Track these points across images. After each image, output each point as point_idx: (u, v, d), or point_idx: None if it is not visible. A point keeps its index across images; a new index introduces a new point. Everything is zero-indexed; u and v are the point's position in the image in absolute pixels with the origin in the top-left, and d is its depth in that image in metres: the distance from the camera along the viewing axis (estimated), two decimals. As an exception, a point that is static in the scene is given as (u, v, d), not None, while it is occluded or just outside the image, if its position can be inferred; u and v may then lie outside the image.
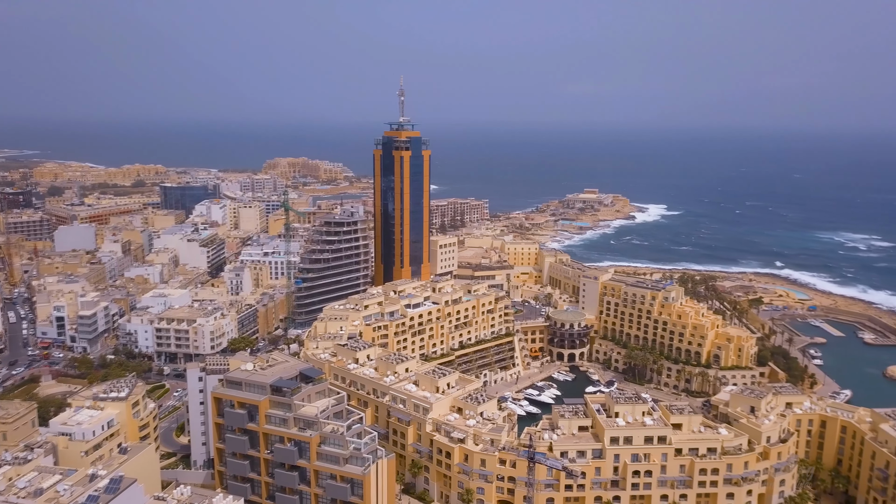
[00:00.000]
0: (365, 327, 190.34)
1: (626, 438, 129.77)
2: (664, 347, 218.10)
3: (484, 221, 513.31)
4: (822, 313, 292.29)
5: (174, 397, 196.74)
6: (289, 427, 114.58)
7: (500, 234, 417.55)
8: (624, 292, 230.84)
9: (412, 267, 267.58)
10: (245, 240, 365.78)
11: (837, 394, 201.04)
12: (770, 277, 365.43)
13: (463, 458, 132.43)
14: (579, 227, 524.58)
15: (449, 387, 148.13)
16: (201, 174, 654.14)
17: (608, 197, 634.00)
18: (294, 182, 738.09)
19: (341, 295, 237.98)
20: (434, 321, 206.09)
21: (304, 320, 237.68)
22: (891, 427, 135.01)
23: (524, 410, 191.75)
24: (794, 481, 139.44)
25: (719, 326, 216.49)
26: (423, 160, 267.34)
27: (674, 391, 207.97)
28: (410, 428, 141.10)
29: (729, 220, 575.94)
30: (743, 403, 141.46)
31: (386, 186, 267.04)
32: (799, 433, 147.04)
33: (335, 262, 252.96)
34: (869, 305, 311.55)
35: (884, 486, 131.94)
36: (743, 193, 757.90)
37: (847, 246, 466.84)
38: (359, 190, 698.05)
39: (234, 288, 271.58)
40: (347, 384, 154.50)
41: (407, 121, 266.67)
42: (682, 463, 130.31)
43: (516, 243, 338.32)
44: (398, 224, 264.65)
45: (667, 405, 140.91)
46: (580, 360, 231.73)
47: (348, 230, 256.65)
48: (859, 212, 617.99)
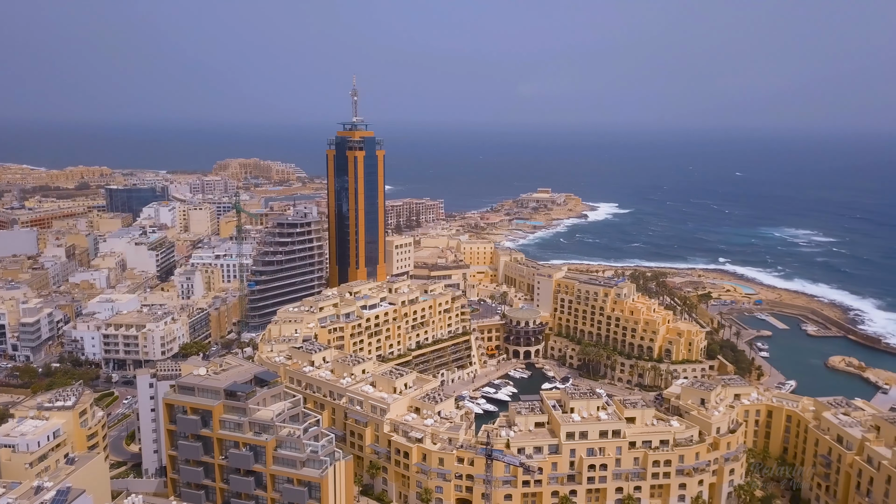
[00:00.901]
0: (320, 329, 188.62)
1: (581, 433, 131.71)
2: (617, 343, 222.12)
3: (440, 221, 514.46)
4: (767, 307, 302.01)
5: (123, 405, 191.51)
6: (244, 432, 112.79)
7: (455, 233, 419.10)
8: (577, 290, 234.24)
9: (368, 268, 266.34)
10: (196, 242, 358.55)
11: (783, 384, 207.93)
12: (718, 273, 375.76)
13: (421, 457, 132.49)
14: (533, 226, 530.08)
15: (406, 387, 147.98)
16: (149, 176, 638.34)
17: (561, 196, 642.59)
18: (246, 183, 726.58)
19: (296, 297, 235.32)
20: (391, 322, 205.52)
21: (258, 323, 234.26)
22: (833, 415, 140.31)
23: (481, 408, 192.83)
24: (743, 470, 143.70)
25: (670, 322, 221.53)
26: (377, 160, 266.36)
27: (627, 386, 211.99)
28: (368, 429, 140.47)
29: (676, 218, 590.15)
30: (693, 396, 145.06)
31: (340, 187, 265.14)
32: (747, 423, 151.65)
33: (289, 264, 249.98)
34: (811, 299, 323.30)
35: (827, 471, 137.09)
36: (688, 192, 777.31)
37: (789, 241, 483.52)
38: (312, 191, 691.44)
39: (185, 292, 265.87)
40: (303, 387, 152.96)
41: (360, 121, 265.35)
42: (636, 456, 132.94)
43: (472, 243, 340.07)
44: (353, 225, 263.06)
45: (620, 399, 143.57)
46: (536, 357, 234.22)
47: (302, 231, 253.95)
48: (800, 209, 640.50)
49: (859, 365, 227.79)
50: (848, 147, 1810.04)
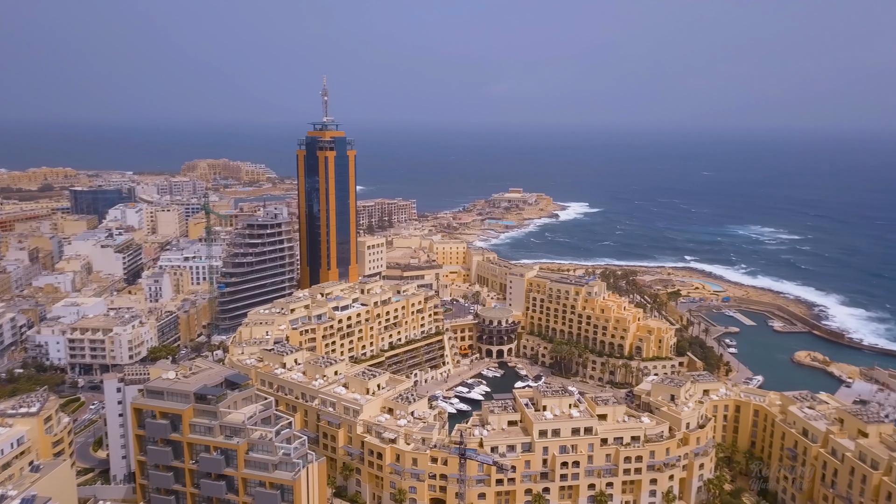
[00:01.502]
0: (292, 331, 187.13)
1: (553, 431, 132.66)
2: (588, 341, 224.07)
3: (412, 221, 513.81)
4: (735, 304, 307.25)
5: (90, 410, 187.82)
6: (214, 435, 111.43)
7: (428, 233, 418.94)
8: (549, 288, 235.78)
9: (339, 269, 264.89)
10: (164, 244, 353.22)
11: (750, 379, 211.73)
12: (686, 271, 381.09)
13: (395, 458, 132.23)
14: (505, 225, 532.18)
15: (379, 388, 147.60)
16: (114, 177, 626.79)
17: (532, 196, 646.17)
18: (215, 184, 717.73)
19: (266, 299, 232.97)
20: (363, 323, 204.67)
21: (229, 326, 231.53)
22: (798, 409, 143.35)
23: (455, 408, 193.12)
24: (713, 464, 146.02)
25: (640, 319, 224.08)
26: (348, 160, 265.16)
27: (599, 383, 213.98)
28: (341, 430, 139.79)
29: (645, 217, 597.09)
30: (664, 392, 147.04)
31: (310, 187, 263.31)
32: (716, 418, 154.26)
33: (259, 266, 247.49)
34: (777, 295, 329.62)
35: (793, 464, 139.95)
36: (657, 191, 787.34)
37: (755, 239, 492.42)
38: (282, 191, 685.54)
39: (153, 294, 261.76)
40: (275, 389, 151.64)
41: (331, 121, 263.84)
42: (607, 452, 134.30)
43: (444, 243, 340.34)
44: (324, 225, 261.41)
45: (592, 397, 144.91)
46: (508, 356, 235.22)
47: (272, 232, 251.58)
48: (765, 207, 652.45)
49: (824, 359, 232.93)
50: (812, 147, 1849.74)
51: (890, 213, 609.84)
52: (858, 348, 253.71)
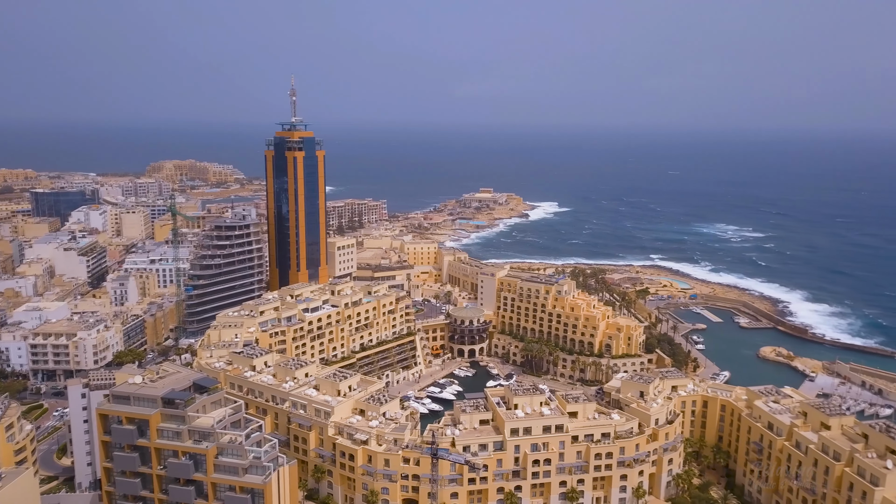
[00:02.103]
0: (261, 334, 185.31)
1: (525, 429, 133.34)
2: (559, 339, 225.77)
3: (383, 222, 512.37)
4: (702, 301, 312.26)
5: (54, 417, 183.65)
6: (183, 440, 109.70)
7: (399, 234, 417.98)
8: (520, 287, 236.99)
9: (309, 270, 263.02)
10: (129, 247, 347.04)
11: (717, 375, 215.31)
12: (654, 269, 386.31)
13: (367, 459, 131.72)
14: (476, 225, 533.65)
15: (350, 389, 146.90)
16: (77, 179, 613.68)
17: (503, 196, 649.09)
18: (181, 185, 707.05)
19: (235, 301, 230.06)
20: (334, 324, 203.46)
21: (197, 329, 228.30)
22: (764, 403, 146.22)
23: (427, 408, 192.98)
24: (681, 459, 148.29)
25: (609, 317, 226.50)
26: (317, 160, 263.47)
27: (569, 381, 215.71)
28: (312, 433, 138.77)
29: (614, 216, 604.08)
30: (633, 389, 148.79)
31: (279, 188, 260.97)
32: (684, 414, 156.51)
33: (227, 268, 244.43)
34: (743, 292, 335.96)
35: (759, 457, 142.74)
36: (625, 190, 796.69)
37: (721, 237, 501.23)
38: (251, 192, 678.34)
39: (119, 298, 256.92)
40: (245, 392, 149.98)
41: (299, 121, 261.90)
42: (578, 449, 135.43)
43: (415, 243, 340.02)
44: (293, 226, 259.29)
45: (563, 395, 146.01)
46: (480, 355, 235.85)
47: (241, 234, 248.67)
48: (730, 205, 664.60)
49: (788, 354, 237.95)
50: (778, 147, 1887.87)
51: (850, 212, 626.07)
52: (821, 343, 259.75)
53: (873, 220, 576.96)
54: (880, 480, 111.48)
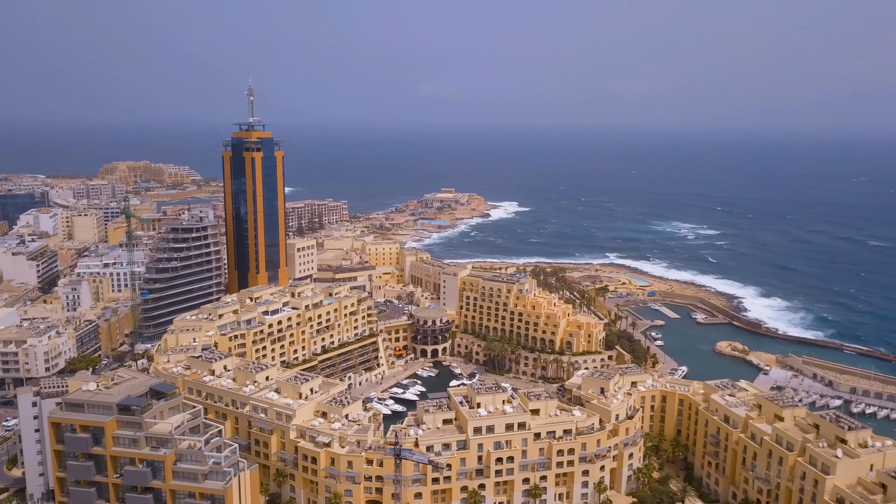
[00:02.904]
0: (220, 337, 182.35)
1: (488, 427, 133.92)
2: (521, 337, 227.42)
3: (343, 223, 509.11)
4: (660, 298, 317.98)
5: (3, 427, 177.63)
6: (140, 447, 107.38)
7: (360, 234, 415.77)
8: (482, 287, 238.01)
9: (269, 272, 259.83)
10: (81, 251, 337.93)
11: (675, 370, 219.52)
12: (613, 267, 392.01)
13: (329, 461, 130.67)
14: (438, 225, 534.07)
15: (312, 392, 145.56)
16: (26, 181, 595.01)
17: (464, 196, 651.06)
18: (136, 187, 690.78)
19: (193, 305, 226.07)
20: (294, 327, 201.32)
21: (153, 333, 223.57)
22: (720, 397, 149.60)
23: (390, 409, 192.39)
24: (641, 454, 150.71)
25: (570, 315, 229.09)
26: (276, 161, 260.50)
27: (531, 378, 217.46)
28: (273, 436, 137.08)
29: (573, 215, 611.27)
30: (594, 385, 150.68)
31: (237, 189, 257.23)
32: (643, 409, 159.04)
33: (185, 271, 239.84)
34: (700, 289, 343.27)
35: (716, 450, 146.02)
36: (584, 190, 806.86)
37: (678, 235, 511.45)
38: (208, 194, 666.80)
39: (71, 303, 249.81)
40: (204, 397, 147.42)
41: (257, 121, 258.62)
42: (541, 446, 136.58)
43: (377, 243, 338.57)
44: (252, 228, 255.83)
45: (525, 392, 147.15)
46: (443, 355, 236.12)
47: (198, 236, 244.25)
48: (686, 204, 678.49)
49: (743, 349, 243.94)
50: (732, 146, 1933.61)
51: (799, 210, 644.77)
52: (774, 337, 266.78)
53: (821, 217, 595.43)
54: (831, 469, 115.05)
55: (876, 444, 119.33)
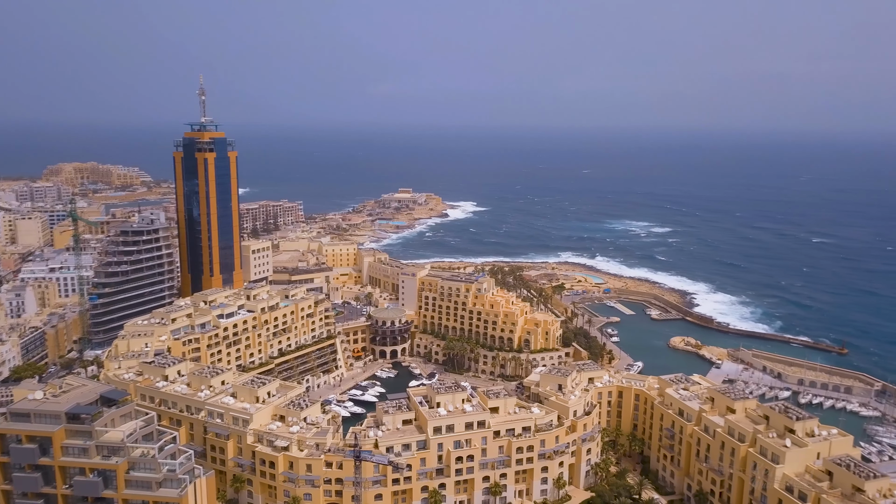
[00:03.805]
0: (174, 342, 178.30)
1: (448, 427, 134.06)
2: (480, 336, 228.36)
3: (299, 224, 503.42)
4: (615, 295, 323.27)
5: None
6: (90, 456, 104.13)
7: (316, 235, 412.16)
8: (441, 287, 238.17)
9: (223, 275, 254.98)
10: (25, 255, 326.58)
11: (631, 366, 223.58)
12: (569, 265, 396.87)
13: (288, 465, 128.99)
14: (396, 225, 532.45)
15: (269, 395, 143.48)
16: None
17: (422, 196, 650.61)
18: (82, 189, 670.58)
19: (145, 309, 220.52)
20: (250, 330, 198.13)
21: (103, 339, 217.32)
22: (674, 391, 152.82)
23: (349, 411, 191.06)
24: (599, 448, 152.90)
25: (528, 313, 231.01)
26: (229, 162, 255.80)
27: (490, 377, 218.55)
28: (230, 442, 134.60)
29: (529, 215, 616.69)
30: (552, 382, 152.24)
31: (189, 191, 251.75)
32: (600, 404, 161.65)
33: (135, 275, 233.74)
34: (653, 285, 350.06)
35: (671, 443, 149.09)
36: (539, 189, 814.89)
37: (631, 233, 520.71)
38: (159, 195, 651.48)
39: (15, 310, 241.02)
40: (157, 403, 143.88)
41: (210, 121, 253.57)
42: (500, 444, 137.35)
43: (334, 244, 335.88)
44: (205, 230, 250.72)
45: (484, 391, 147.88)
46: (402, 355, 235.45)
47: (149, 239, 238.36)
48: (638, 203, 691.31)
49: (696, 343, 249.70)
50: (682, 145, 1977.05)
51: (746, 207, 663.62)
52: (725, 332, 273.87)
53: (767, 214, 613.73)
54: (780, 458, 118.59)
55: (822, 434, 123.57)
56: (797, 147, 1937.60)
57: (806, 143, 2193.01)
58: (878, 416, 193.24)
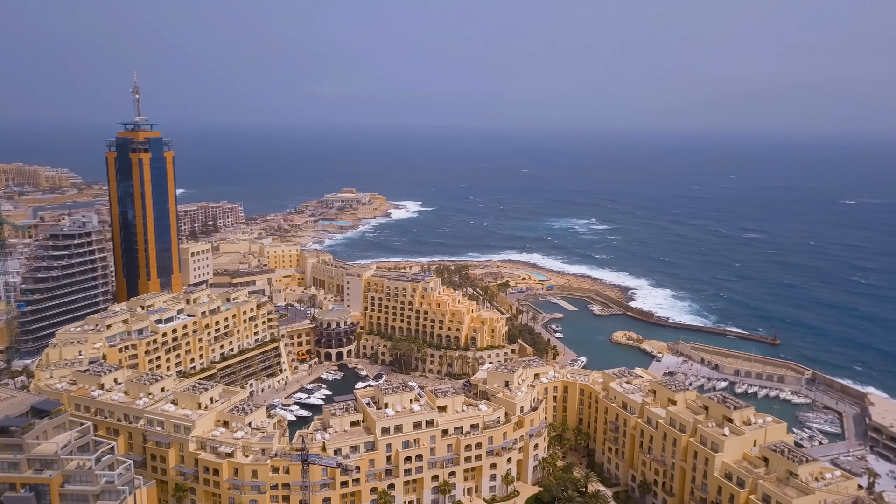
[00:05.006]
0: (109, 349, 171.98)
1: (396, 427, 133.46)
2: (427, 335, 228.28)
3: (239, 225, 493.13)
4: (558, 291, 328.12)
5: None
6: (21, 470, 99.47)
7: (257, 237, 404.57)
8: (387, 287, 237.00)
9: (161, 278, 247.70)
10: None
11: (575, 361, 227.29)
12: (513, 263, 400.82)
13: (233, 472, 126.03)
14: (340, 226, 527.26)
15: (212, 401, 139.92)
16: None
17: (366, 196, 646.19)
18: (7, 192, 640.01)
19: (77, 316, 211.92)
20: (190, 335, 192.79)
21: (33, 348, 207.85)
22: (618, 385, 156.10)
23: (295, 415, 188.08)
24: (546, 443, 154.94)
25: (474, 311, 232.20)
26: (165, 162, 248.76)
27: (438, 376, 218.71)
28: (171, 450, 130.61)
29: (473, 214, 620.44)
30: (498, 379, 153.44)
31: (124, 192, 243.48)
32: (546, 400, 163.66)
33: (67, 280, 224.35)
34: (595, 281, 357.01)
35: (615, 435, 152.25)
36: (481, 189, 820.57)
37: (573, 231, 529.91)
38: (91, 198, 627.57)
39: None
40: (93, 413, 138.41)
41: (144, 120, 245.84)
42: (449, 443, 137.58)
43: (276, 246, 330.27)
44: (141, 233, 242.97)
45: (432, 390, 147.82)
46: (348, 357, 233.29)
47: (81, 243, 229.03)
48: (578, 201, 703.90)
49: (637, 338, 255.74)
50: (612, 145, 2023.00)
51: (681, 205, 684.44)
52: (665, 326, 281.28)
53: (701, 212, 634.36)
54: (720, 447, 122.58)
55: (758, 421, 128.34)
56: (730, 146, 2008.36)
57: (739, 141, 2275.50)
58: (809, 403, 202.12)
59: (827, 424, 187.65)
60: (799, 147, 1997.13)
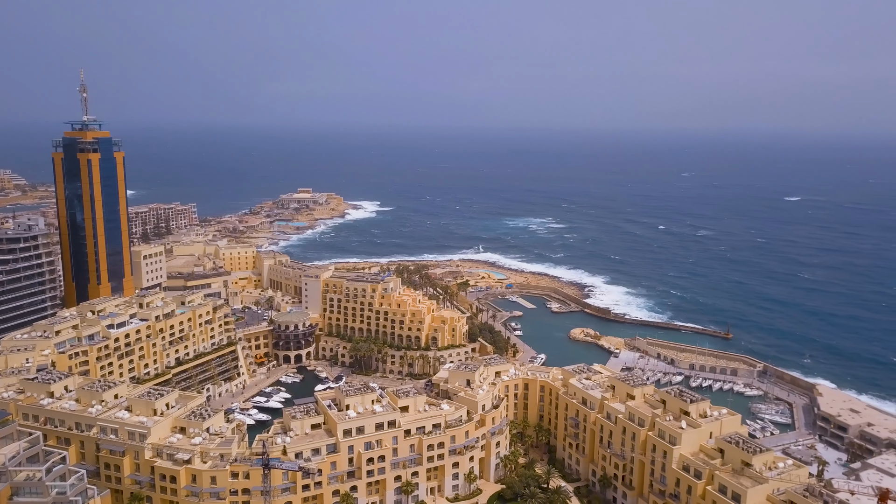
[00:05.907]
0: (58, 356, 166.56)
1: (358, 429, 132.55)
2: (387, 336, 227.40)
3: (193, 227, 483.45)
4: (517, 290, 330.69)
5: None
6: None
7: (212, 239, 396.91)
8: (346, 288, 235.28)
9: (112, 282, 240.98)
10: None
11: (535, 358, 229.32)
12: (473, 262, 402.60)
13: (191, 479, 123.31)
14: (296, 227, 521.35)
15: (168, 407, 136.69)
16: None
17: (322, 196, 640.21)
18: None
19: (23, 322, 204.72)
20: (144, 339, 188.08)
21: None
22: (577, 381, 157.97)
23: (254, 419, 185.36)
24: (507, 441, 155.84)
25: (434, 311, 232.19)
26: (115, 163, 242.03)
27: (399, 376, 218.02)
28: (126, 458, 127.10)
29: (432, 213, 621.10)
30: (460, 378, 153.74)
31: (71, 194, 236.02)
32: (507, 397, 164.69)
33: (12, 286, 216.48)
34: (553, 279, 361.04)
35: (576, 431, 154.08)
36: (440, 188, 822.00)
37: (530, 230, 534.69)
38: (36, 200, 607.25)
39: None
40: (42, 422, 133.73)
41: (92, 119, 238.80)
42: (411, 443, 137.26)
43: (231, 247, 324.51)
44: (90, 236, 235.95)
45: (394, 390, 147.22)
46: (307, 359, 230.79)
47: (26, 247, 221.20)
48: (535, 200, 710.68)
49: (595, 334, 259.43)
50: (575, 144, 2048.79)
51: (635, 203, 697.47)
52: (622, 322, 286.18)
53: (654, 210, 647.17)
54: (677, 440, 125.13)
55: (713, 414, 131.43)
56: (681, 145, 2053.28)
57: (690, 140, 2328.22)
58: (761, 394, 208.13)
59: (778, 415, 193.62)
60: (753, 146, 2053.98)
